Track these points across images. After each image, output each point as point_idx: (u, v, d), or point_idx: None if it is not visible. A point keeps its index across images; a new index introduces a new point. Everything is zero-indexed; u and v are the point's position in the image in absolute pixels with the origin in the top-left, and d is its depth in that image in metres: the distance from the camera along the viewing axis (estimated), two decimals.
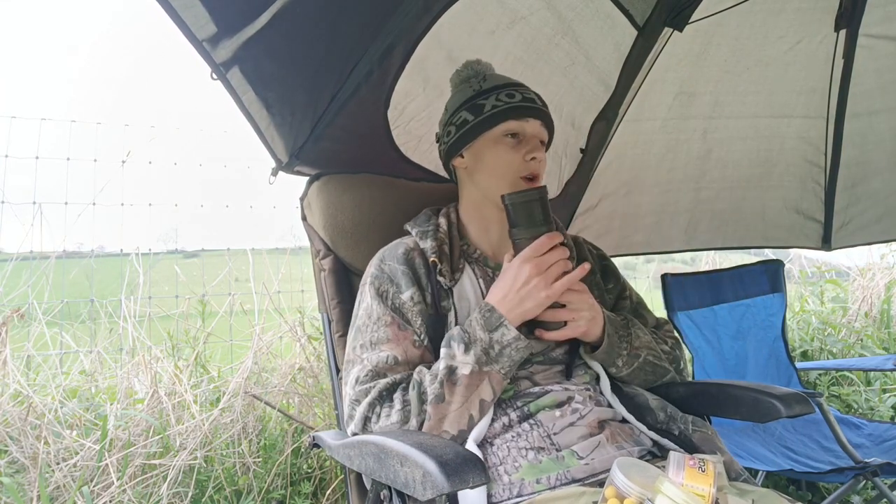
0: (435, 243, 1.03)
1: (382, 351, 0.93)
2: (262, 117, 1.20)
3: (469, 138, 1.06)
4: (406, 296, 0.98)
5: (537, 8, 1.41)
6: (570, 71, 1.58)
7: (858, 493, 1.93)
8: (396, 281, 0.99)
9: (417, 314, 0.97)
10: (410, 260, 1.02)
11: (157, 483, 1.68)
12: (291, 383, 2.07)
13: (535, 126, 1.06)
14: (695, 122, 1.86)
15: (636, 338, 1.05)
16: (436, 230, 1.06)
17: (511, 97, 1.06)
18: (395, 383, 0.91)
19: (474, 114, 1.06)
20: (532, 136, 1.05)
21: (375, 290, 1.00)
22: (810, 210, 2.07)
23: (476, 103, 1.06)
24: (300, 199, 1.28)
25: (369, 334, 0.96)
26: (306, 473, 1.92)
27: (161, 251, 2.43)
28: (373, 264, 1.05)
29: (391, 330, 0.95)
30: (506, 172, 1.04)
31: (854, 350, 2.86)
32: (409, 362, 0.93)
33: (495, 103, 1.05)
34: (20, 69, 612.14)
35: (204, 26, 0.99)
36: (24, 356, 1.94)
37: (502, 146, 1.04)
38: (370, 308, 0.99)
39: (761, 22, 1.66)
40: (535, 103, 1.07)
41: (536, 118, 1.06)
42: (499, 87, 1.07)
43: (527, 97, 1.07)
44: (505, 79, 1.11)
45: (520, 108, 1.05)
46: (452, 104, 1.12)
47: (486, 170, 1.06)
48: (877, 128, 1.92)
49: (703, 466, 0.74)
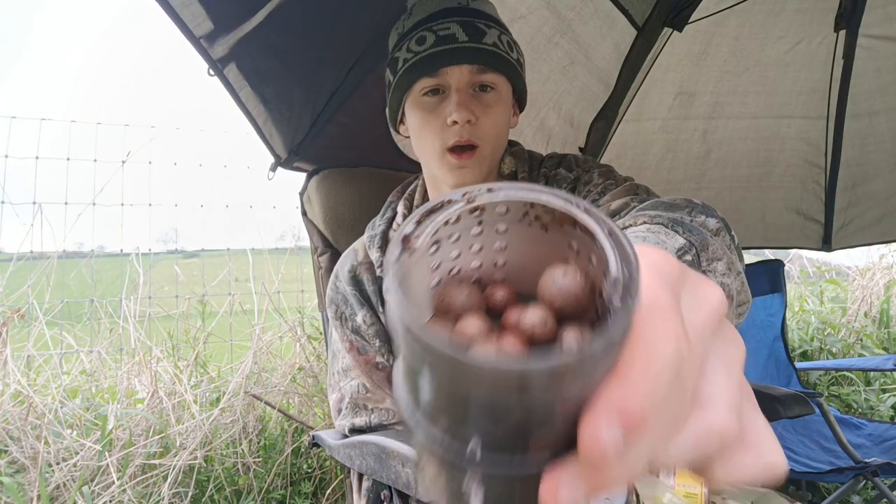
0: (381, 253, 0.89)
1: (353, 379, 0.91)
2: (259, 113, 1.20)
3: (395, 105, 0.84)
4: (360, 318, 0.89)
5: (536, 7, 1.41)
6: (569, 70, 1.58)
7: (858, 493, 1.93)
8: (349, 302, 0.91)
9: (374, 335, 0.89)
10: (357, 278, 0.91)
11: (158, 483, 1.68)
12: (291, 383, 2.07)
13: (460, 73, 0.77)
14: (695, 122, 1.86)
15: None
16: (387, 230, 0.90)
17: (421, 42, 0.78)
18: (371, 427, 0.89)
19: (392, 72, 0.83)
20: (457, 90, 0.77)
21: (333, 314, 0.93)
22: (810, 210, 2.07)
23: (393, 56, 0.82)
24: (300, 194, 1.28)
25: (340, 360, 0.93)
26: (306, 473, 1.92)
27: (161, 251, 2.44)
28: (330, 283, 0.95)
29: (351, 356, 0.90)
30: (429, 147, 0.79)
31: (854, 350, 2.86)
32: (378, 386, 0.90)
33: (406, 55, 0.79)
34: (20, 69, 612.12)
35: (201, 24, 1.00)
36: (25, 356, 1.94)
37: (420, 111, 0.79)
38: (332, 333, 0.95)
39: (761, 22, 1.66)
40: (455, 41, 0.76)
41: (461, 62, 0.76)
42: (417, 24, 0.80)
43: (443, 35, 0.77)
44: (431, 5, 0.81)
45: (430, 57, 0.76)
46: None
47: (415, 144, 0.84)
48: (877, 128, 1.92)
49: None
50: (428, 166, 0.84)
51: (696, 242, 0.53)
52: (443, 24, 0.77)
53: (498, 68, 0.78)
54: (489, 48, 0.77)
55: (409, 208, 0.90)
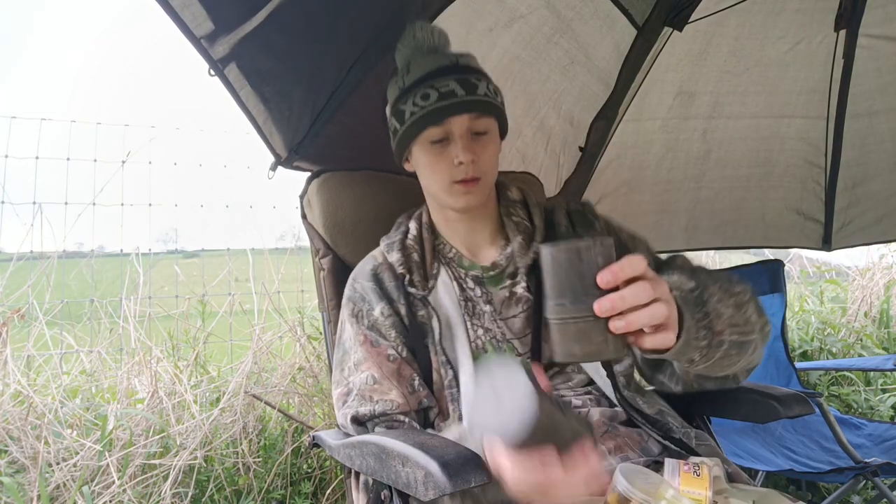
0: (401, 255, 0.99)
1: (362, 371, 0.94)
2: (259, 112, 1.20)
3: (402, 147, 1.01)
4: (377, 311, 0.97)
5: (536, 7, 1.41)
6: (569, 70, 1.58)
7: (858, 493, 1.93)
8: (368, 299, 0.99)
9: (390, 327, 0.96)
10: (378, 276, 1.00)
11: (158, 483, 1.68)
12: (291, 383, 2.07)
13: (461, 122, 0.94)
14: (695, 121, 1.86)
15: (717, 317, 0.73)
16: (403, 239, 1.02)
17: (426, 98, 0.94)
18: (376, 415, 0.91)
19: (399, 121, 0.99)
20: (460, 136, 0.94)
21: (350, 312, 1.00)
22: (810, 210, 2.07)
23: (398, 108, 0.98)
24: (300, 197, 1.28)
25: (352, 356, 0.97)
26: (306, 473, 1.92)
27: (161, 251, 2.44)
28: (348, 284, 1.04)
29: (364, 349, 0.96)
30: (439, 181, 0.97)
31: (854, 350, 2.86)
32: (387, 377, 0.94)
33: (412, 109, 0.96)
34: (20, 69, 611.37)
35: (202, 24, 1.00)
36: (25, 356, 1.94)
37: (429, 154, 0.97)
38: (346, 329, 1.00)
39: (761, 22, 1.66)
40: (455, 96, 0.94)
41: (462, 112, 0.94)
42: (418, 82, 0.96)
43: (444, 91, 0.94)
44: (430, 63, 0.97)
45: (436, 111, 0.94)
46: (388, 99, 1.03)
47: (424, 178, 1.01)
48: (877, 128, 1.91)
49: (698, 471, 0.75)
50: (436, 196, 1.01)
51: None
52: (443, 82, 0.94)
53: (490, 112, 0.97)
54: (482, 98, 0.96)
55: (418, 226, 1.04)
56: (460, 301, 0.99)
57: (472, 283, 1.01)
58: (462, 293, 1.00)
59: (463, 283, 1.01)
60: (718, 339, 0.73)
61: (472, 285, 1.00)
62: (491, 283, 1.00)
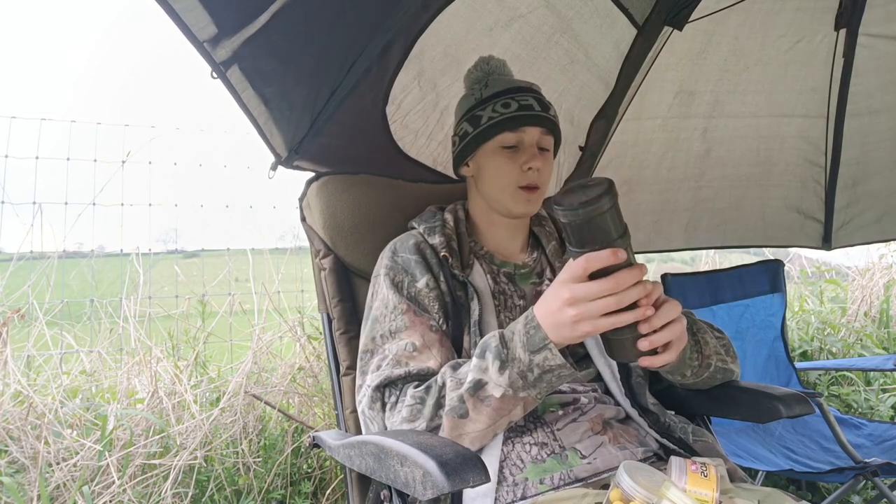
0: (443, 238, 1.04)
1: (401, 339, 0.93)
2: (260, 112, 1.21)
3: (469, 150, 1.08)
4: (421, 283, 0.99)
5: (536, 6, 1.41)
6: (569, 69, 1.58)
7: (858, 493, 1.93)
8: (410, 271, 1.00)
9: (434, 300, 0.98)
10: (422, 251, 1.03)
11: (158, 483, 1.68)
12: (291, 383, 2.07)
13: (533, 134, 1.04)
14: (695, 120, 1.86)
15: (705, 344, 0.94)
16: (443, 226, 1.06)
17: (507, 107, 1.04)
18: (411, 375, 0.89)
19: (473, 125, 1.07)
20: (530, 145, 1.04)
21: (391, 281, 1.00)
22: (810, 209, 2.07)
23: (475, 114, 1.07)
24: (299, 200, 1.28)
25: (388, 324, 0.96)
26: (306, 473, 1.92)
27: (161, 251, 2.43)
28: (385, 256, 1.05)
29: (407, 317, 0.95)
30: (504, 184, 1.04)
31: (854, 350, 2.86)
32: (427, 347, 0.93)
33: (491, 115, 1.04)
34: (20, 69, 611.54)
35: (205, 28, 1.00)
36: (25, 356, 1.94)
37: (500, 158, 1.04)
38: (386, 298, 0.98)
39: (761, 21, 1.66)
40: (533, 110, 1.05)
41: (535, 125, 1.04)
42: (498, 94, 1.06)
43: (524, 104, 1.04)
44: (508, 82, 1.09)
45: (515, 118, 1.03)
46: (458, 111, 1.12)
47: (487, 181, 1.07)
48: (877, 127, 1.91)
49: (706, 471, 0.74)
50: (496, 198, 1.07)
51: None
52: (523, 96, 1.06)
53: (554, 132, 1.09)
54: (552, 118, 1.07)
55: (454, 219, 1.10)
56: (494, 292, 1.04)
57: (504, 279, 1.07)
58: (496, 286, 1.05)
59: (496, 277, 1.07)
60: (707, 361, 0.94)
61: (505, 280, 1.07)
62: (521, 279, 1.08)
